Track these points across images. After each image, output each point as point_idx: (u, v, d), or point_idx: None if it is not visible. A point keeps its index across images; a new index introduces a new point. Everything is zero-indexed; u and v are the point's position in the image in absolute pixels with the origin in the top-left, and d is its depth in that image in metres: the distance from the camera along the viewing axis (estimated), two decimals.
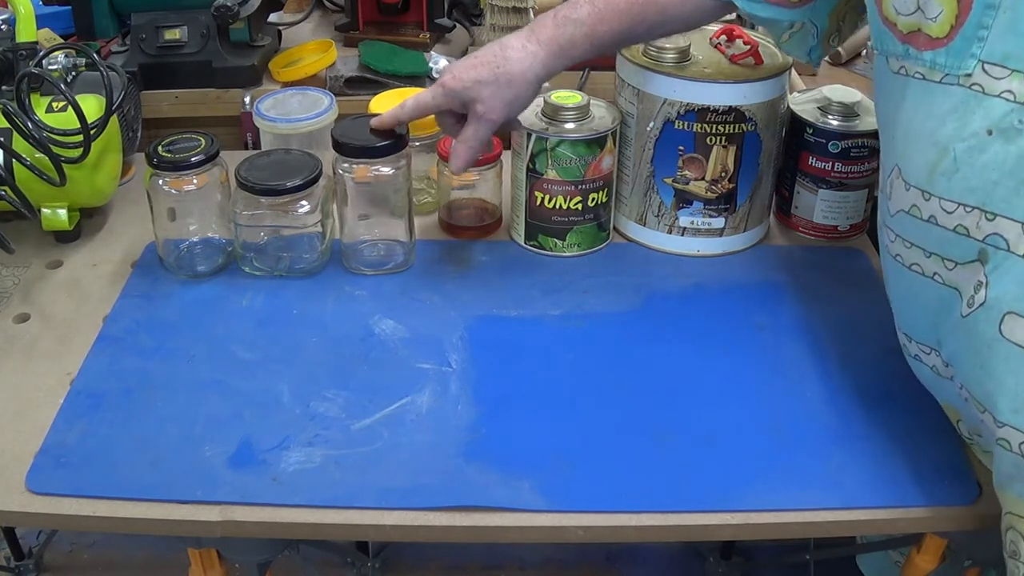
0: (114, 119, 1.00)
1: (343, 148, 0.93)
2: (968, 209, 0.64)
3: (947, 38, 0.64)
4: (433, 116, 0.94)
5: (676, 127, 0.97)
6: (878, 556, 1.19)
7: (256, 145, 1.17)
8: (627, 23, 0.86)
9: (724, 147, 0.98)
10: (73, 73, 1.03)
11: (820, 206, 1.04)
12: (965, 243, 0.65)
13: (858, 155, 1.00)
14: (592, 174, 0.98)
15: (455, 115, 0.91)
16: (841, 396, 0.84)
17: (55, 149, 0.93)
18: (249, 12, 1.20)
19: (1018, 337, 0.63)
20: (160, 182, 0.94)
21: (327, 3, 1.49)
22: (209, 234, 1.00)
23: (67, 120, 0.95)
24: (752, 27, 1.10)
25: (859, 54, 1.43)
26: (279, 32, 1.34)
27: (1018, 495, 0.66)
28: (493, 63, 0.86)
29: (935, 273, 0.69)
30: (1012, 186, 0.61)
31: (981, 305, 0.65)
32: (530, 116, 0.99)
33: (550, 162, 0.97)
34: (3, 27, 1.02)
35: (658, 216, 1.03)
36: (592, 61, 0.99)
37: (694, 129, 0.96)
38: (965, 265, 0.66)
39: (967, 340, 0.67)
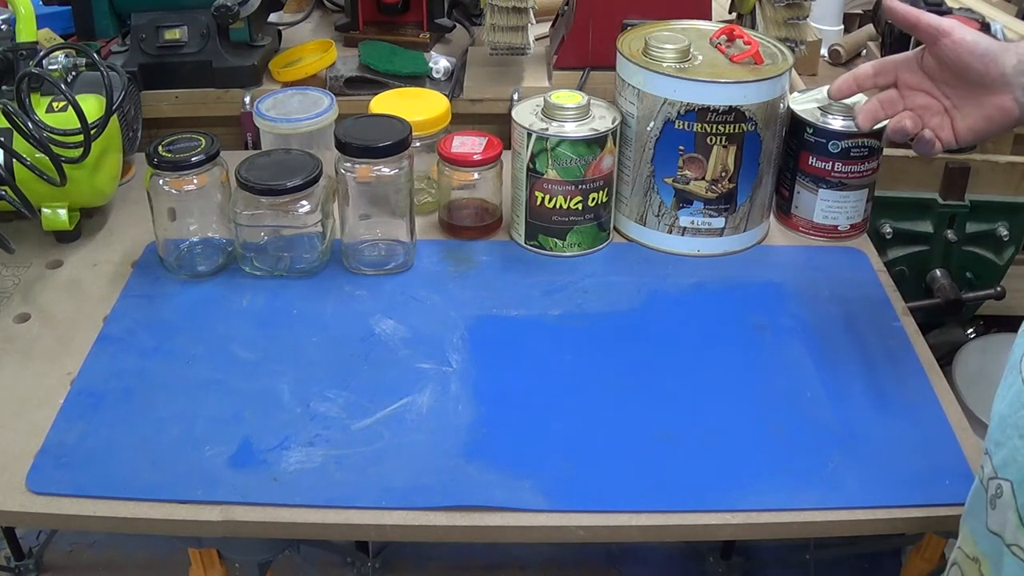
0: (114, 119, 1.00)
1: (346, 148, 0.93)
2: None
3: None
4: (438, 116, 0.92)
5: (676, 127, 0.97)
6: None
7: (256, 145, 1.17)
8: None
9: (724, 147, 0.98)
10: (73, 73, 1.03)
11: (820, 206, 1.04)
12: None
13: (858, 155, 1.00)
14: (592, 174, 0.98)
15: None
16: (841, 396, 0.84)
17: (55, 149, 0.93)
18: (249, 12, 1.20)
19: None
20: (160, 182, 0.94)
21: (327, 3, 1.49)
22: (209, 234, 1.00)
23: (67, 120, 0.95)
24: (752, 26, 1.10)
25: (859, 54, 1.43)
26: (279, 32, 1.34)
27: (970, 531, 0.64)
28: None
29: None
30: None
31: None
32: (530, 116, 0.99)
33: (550, 162, 0.97)
34: (3, 27, 1.02)
35: (658, 216, 1.03)
36: None
37: (694, 129, 0.97)
38: None
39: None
